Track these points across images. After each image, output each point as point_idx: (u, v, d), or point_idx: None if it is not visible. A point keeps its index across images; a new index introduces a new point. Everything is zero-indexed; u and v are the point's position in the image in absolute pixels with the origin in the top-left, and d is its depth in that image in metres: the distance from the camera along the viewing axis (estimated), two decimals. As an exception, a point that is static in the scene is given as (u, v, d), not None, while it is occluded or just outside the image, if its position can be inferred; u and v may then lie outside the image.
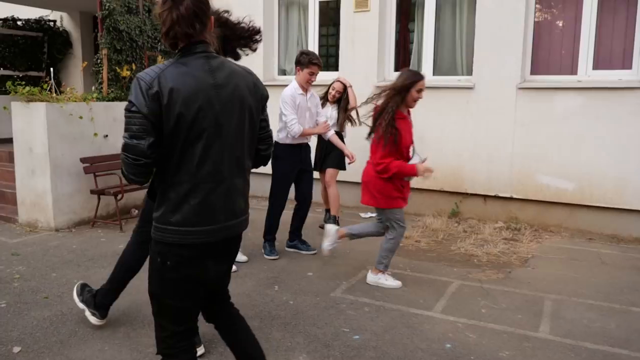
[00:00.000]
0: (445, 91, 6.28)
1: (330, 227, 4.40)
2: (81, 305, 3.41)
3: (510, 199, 6.04)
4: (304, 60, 4.68)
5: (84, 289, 3.46)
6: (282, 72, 7.55)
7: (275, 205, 4.94)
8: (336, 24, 7.05)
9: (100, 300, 3.39)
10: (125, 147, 1.85)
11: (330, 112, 5.69)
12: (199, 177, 1.88)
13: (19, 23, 9.47)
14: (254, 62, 7.09)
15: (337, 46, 7.29)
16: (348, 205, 6.95)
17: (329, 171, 5.77)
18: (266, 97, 2.10)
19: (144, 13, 7.08)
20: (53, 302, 3.81)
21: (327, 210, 5.92)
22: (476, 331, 3.45)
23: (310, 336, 3.34)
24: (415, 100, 4.00)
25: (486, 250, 5.15)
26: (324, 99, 5.76)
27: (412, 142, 4.08)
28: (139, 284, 3.96)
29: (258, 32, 3.34)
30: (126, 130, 1.84)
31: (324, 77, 7.07)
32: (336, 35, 7.29)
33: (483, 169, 6.12)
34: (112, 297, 3.42)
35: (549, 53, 5.96)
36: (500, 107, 5.96)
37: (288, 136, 4.77)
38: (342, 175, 6.83)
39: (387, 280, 4.20)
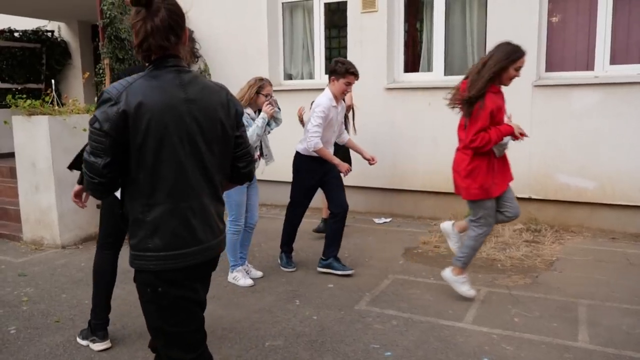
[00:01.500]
0: (457, 91, 6.10)
1: (445, 226, 4.20)
2: (84, 343, 3.35)
3: (529, 199, 5.87)
4: (341, 70, 4.34)
5: (83, 331, 3.42)
6: (288, 76, 7.39)
7: (292, 215, 4.73)
8: (342, 25, 6.89)
9: (94, 322, 3.32)
10: (84, 162, 1.81)
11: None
12: (174, 197, 1.81)
13: (16, 34, 9.31)
14: (260, 67, 6.98)
15: (343, 48, 7.14)
16: (360, 211, 6.78)
17: None
18: (241, 113, 2.02)
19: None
20: (65, 325, 3.63)
21: (325, 220, 5.73)
22: (512, 342, 3.28)
23: (340, 354, 3.17)
24: (511, 79, 3.68)
25: (509, 254, 4.97)
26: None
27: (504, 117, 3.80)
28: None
29: None
30: (88, 145, 1.79)
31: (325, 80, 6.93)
32: (339, 37, 7.14)
33: (500, 170, 5.95)
34: (102, 314, 3.34)
35: (564, 49, 5.80)
36: (515, 106, 5.75)
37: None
38: (354, 180, 6.67)
39: (463, 286, 3.92)
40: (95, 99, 5.40)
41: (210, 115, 1.88)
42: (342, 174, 4.56)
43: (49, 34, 9.53)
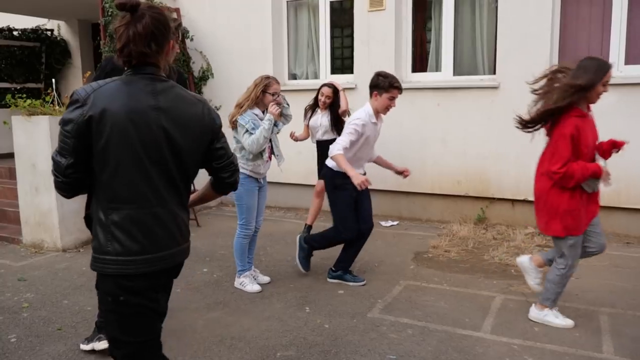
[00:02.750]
0: (467, 91, 5.99)
1: (523, 260, 3.79)
2: (88, 347, 3.24)
3: (541, 202, 5.74)
4: (384, 84, 4.05)
5: (87, 338, 3.35)
6: (293, 76, 7.25)
7: (342, 230, 4.25)
8: (348, 24, 6.76)
9: (99, 321, 3.26)
10: (52, 160, 1.85)
11: (321, 120, 5.36)
12: (136, 202, 1.82)
13: (15, 33, 9.14)
14: (265, 66, 6.84)
15: (348, 48, 7.01)
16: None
17: (321, 183, 5.40)
18: (219, 126, 2.02)
19: (148, 19, 6.77)
20: (68, 334, 3.49)
21: (309, 227, 5.56)
22: (535, 354, 3.15)
23: (356, 366, 3.03)
24: (599, 95, 3.29)
25: (522, 259, 4.84)
26: (314, 107, 5.43)
27: (595, 144, 3.42)
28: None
29: None
30: (58, 144, 1.83)
31: (332, 80, 6.79)
32: (343, 36, 7.00)
33: (511, 172, 5.83)
34: None
35: (576, 49, 5.67)
36: (527, 106, 5.65)
37: (353, 162, 4.13)
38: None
39: (557, 318, 3.51)
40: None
41: (181, 126, 1.87)
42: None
43: (49, 33, 9.37)
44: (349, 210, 4.23)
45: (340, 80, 6.71)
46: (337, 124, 5.34)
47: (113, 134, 1.76)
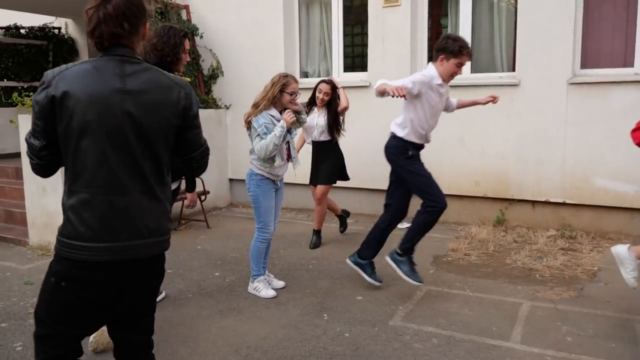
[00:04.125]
0: (486, 89, 5.76)
1: (619, 250, 3.43)
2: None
3: (563, 204, 5.55)
4: (454, 48, 3.64)
5: None
6: (304, 74, 7.07)
7: (433, 212, 3.82)
8: (362, 21, 6.58)
9: None
10: (26, 142, 1.86)
11: (317, 119, 5.14)
12: (92, 187, 1.76)
13: (22, 31, 9.02)
14: (276, 64, 6.67)
15: (359, 46, 6.84)
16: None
17: (321, 188, 5.25)
18: (194, 114, 1.94)
19: (157, 16, 6.62)
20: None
21: (318, 232, 5.43)
22: (570, 366, 2.96)
23: (381, 379, 2.86)
24: None
25: (546, 263, 4.65)
26: (311, 104, 5.18)
27: None
28: (170, 316, 3.52)
29: None
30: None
31: (346, 79, 6.62)
32: (353, 34, 6.83)
33: (531, 173, 5.64)
34: None
35: (599, 44, 5.48)
36: (549, 105, 5.48)
37: (417, 133, 3.83)
38: (375, 183, 6.36)
39: None
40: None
41: (150, 110, 1.80)
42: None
43: (56, 31, 9.24)
44: (431, 177, 3.82)
45: (353, 78, 6.57)
46: (335, 124, 5.12)
47: (73, 117, 1.73)
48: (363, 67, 6.68)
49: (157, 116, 1.82)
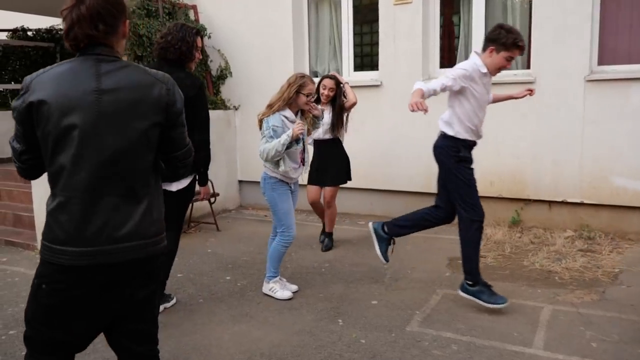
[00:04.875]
0: (500, 87, 5.61)
1: None
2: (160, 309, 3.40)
3: (580, 204, 5.42)
4: (506, 40, 3.39)
5: None
6: (314, 74, 6.97)
7: (470, 227, 3.61)
8: (372, 20, 6.48)
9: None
10: (10, 146, 1.87)
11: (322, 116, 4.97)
12: (67, 190, 1.74)
13: (29, 33, 8.99)
14: (286, 64, 6.59)
15: (368, 45, 6.74)
16: (394, 216, 6.35)
17: (330, 190, 5.10)
18: (177, 112, 1.88)
19: (164, 16, 6.55)
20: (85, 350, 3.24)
21: (328, 234, 5.33)
22: (597, 374, 2.85)
23: (400, 389, 2.76)
24: None
25: (565, 265, 4.53)
26: (315, 102, 4.99)
27: None
28: (183, 324, 3.44)
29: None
30: None
31: (356, 78, 6.52)
32: (362, 33, 6.72)
33: (547, 172, 5.51)
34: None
35: (616, 40, 5.34)
36: (565, 102, 5.35)
37: (468, 129, 3.60)
38: (387, 184, 6.27)
39: None
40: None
41: (128, 109, 1.76)
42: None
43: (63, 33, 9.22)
44: (475, 187, 3.61)
45: (364, 77, 6.47)
46: (339, 120, 4.96)
47: (49, 121, 1.71)
48: (373, 66, 6.58)
49: (136, 115, 1.77)
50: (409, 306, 3.79)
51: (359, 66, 6.74)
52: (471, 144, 3.68)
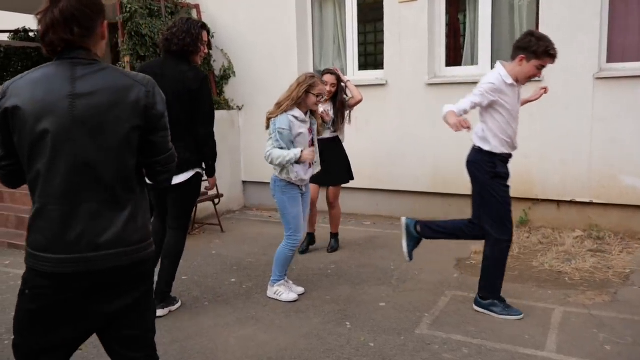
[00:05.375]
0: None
1: None
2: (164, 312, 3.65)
3: (589, 204, 5.35)
4: (538, 48, 3.26)
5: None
6: (318, 73, 6.90)
7: (498, 245, 3.51)
8: (376, 18, 6.41)
9: (167, 291, 3.73)
10: None
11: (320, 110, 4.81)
12: (44, 197, 1.71)
13: (31, 34, 8.94)
14: (290, 64, 6.54)
15: (372, 44, 6.67)
16: (399, 217, 6.29)
17: (332, 190, 5.01)
18: (159, 115, 1.82)
19: (167, 16, 6.50)
20: (89, 355, 3.18)
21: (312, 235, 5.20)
22: (612, 378, 2.78)
23: (411, 394, 2.70)
24: None
25: (575, 265, 4.46)
26: None
27: None
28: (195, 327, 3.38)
29: None
30: None
31: (361, 77, 6.46)
32: (374, 32, 6.66)
33: (556, 172, 5.44)
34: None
35: (625, 37, 5.26)
36: (574, 100, 5.27)
37: (503, 142, 3.45)
38: (393, 184, 6.21)
39: None
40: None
41: (104, 113, 1.71)
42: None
43: (65, 34, 9.17)
44: (509, 206, 3.49)
45: (369, 76, 6.40)
46: (339, 119, 4.83)
47: (25, 127, 1.68)
48: (376, 66, 6.52)
49: (112, 119, 1.72)
50: (417, 308, 3.73)
51: (363, 65, 6.68)
52: (507, 157, 3.55)
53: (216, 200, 5.96)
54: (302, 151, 3.64)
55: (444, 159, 5.92)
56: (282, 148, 3.65)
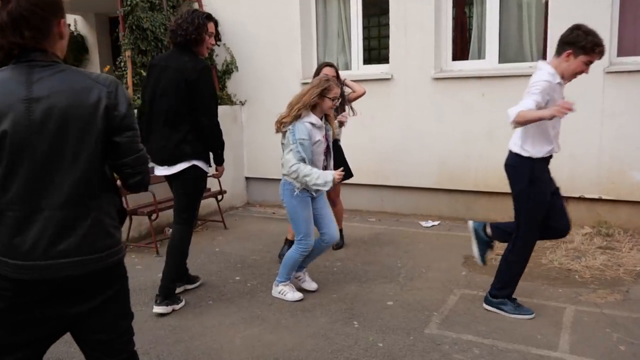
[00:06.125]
0: (514, 80, 5.50)
1: None
2: (168, 309, 3.61)
3: (599, 200, 5.27)
4: (586, 44, 3.09)
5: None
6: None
7: (525, 247, 3.43)
8: (382, 12, 6.32)
9: (172, 286, 3.71)
10: None
11: None
12: (5, 203, 1.65)
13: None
14: (293, 58, 6.45)
15: (375, 38, 6.58)
16: (404, 213, 6.23)
17: (334, 187, 4.89)
18: (121, 116, 1.73)
19: (168, 9, 6.41)
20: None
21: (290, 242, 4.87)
22: (628, 379, 2.71)
23: (423, 396, 2.62)
24: None
25: (585, 263, 4.39)
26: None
27: None
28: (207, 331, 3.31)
29: None
30: None
31: (366, 71, 6.38)
32: (377, 26, 6.57)
33: (565, 168, 5.33)
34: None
35: (636, 31, 5.17)
36: (584, 95, 5.14)
37: (544, 145, 3.31)
38: (398, 180, 6.12)
39: None
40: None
41: (62, 116, 1.64)
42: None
43: (66, 28, 9.08)
44: (544, 211, 3.37)
45: (374, 71, 6.31)
46: (338, 113, 4.67)
47: None
48: (380, 60, 6.44)
49: (72, 122, 1.66)
50: (426, 307, 3.66)
51: (367, 60, 6.58)
52: (548, 160, 3.40)
53: (219, 197, 5.88)
54: (332, 176, 3.53)
55: (450, 154, 5.85)
56: (303, 159, 3.52)
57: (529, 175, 3.31)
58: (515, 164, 3.38)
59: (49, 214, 1.66)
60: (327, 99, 3.57)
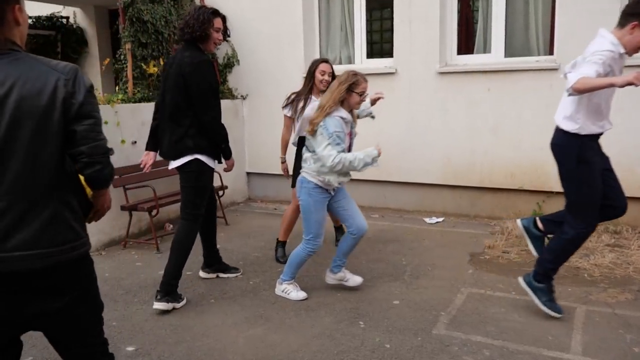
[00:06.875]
0: (521, 74, 5.43)
1: None
2: (169, 307, 3.55)
3: (606, 197, 5.18)
4: None
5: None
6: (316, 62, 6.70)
7: (585, 224, 3.22)
8: (385, 4, 6.21)
9: (175, 283, 3.63)
10: None
11: (315, 105, 4.13)
12: None
13: (29, 21, 8.73)
14: (295, 52, 6.35)
15: (378, 32, 6.48)
16: (408, 210, 6.15)
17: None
18: (78, 103, 1.69)
19: (169, 1, 6.29)
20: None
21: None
22: (644, 383, 2.63)
23: (433, 400, 2.55)
24: None
25: (594, 261, 4.31)
26: (307, 93, 4.35)
27: None
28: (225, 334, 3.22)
29: None
30: None
31: (370, 65, 6.28)
32: (380, 19, 6.46)
33: (572, 163, 5.26)
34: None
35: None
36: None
37: (595, 121, 3.10)
38: (402, 176, 6.04)
39: None
40: (116, 88, 4.78)
41: (18, 104, 1.61)
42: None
43: (64, 21, 8.94)
44: (598, 193, 3.17)
45: (377, 65, 6.21)
46: None
47: None
48: (383, 54, 6.34)
49: (27, 110, 1.62)
50: (433, 307, 3.58)
51: (370, 53, 6.48)
52: (598, 137, 3.22)
53: (220, 192, 5.79)
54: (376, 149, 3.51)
55: (455, 149, 5.76)
56: (343, 150, 3.46)
57: (579, 154, 3.12)
58: (562, 143, 3.20)
59: (2, 205, 1.62)
60: (355, 93, 3.49)
